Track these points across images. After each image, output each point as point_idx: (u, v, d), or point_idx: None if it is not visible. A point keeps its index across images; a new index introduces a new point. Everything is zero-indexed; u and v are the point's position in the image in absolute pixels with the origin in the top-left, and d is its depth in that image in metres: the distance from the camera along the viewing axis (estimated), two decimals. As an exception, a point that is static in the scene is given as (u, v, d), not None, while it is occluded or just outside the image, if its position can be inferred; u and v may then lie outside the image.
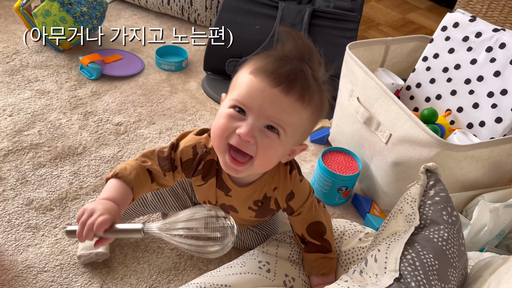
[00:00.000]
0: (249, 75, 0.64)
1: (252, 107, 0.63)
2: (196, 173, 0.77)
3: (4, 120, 1.16)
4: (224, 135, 0.65)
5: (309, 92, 0.64)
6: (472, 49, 1.08)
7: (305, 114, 0.66)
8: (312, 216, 0.81)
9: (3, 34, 1.49)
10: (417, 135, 0.93)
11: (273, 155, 0.68)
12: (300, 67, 0.64)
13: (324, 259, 0.83)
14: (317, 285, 0.83)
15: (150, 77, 1.44)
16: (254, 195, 0.78)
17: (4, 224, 0.93)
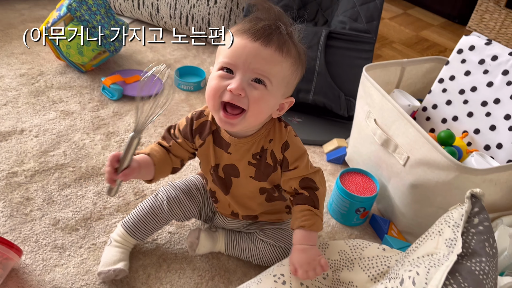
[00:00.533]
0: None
1: (237, 64, 0.73)
2: (194, 133, 0.86)
3: (31, 141, 1.20)
4: (217, 94, 0.74)
5: (286, 45, 0.74)
6: (489, 72, 1.10)
7: (286, 64, 0.75)
8: (307, 172, 0.85)
9: (28, 56, 1.54)
10: (435, 158, 0.94)
11: (264, 105, 0.76)
12: (274, 23, 0.74)
13: (309, 211, 0.84)
14: (299, 243, 0.83)
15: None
16: (252, 148, 0.84)
17: (32, 244, 0.96)
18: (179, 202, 0.94)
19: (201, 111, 0.87)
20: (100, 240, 0.99)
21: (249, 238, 0.97)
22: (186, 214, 0.96)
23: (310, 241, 0.84)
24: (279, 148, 0.83)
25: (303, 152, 0.85)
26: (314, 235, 0.85)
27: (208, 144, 0.86)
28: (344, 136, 1.41)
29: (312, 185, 0.86)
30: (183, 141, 0.88)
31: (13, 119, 1.26)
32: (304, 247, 0.83)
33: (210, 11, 1.67)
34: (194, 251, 0.96)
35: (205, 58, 1.72)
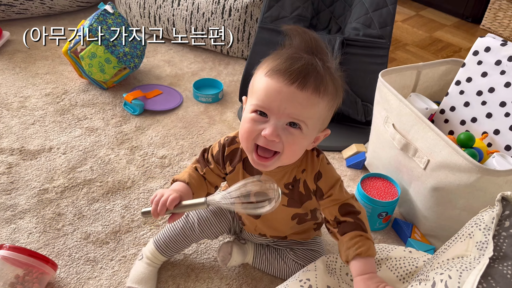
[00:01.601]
0: (265, 78, 0.71)
1: (272, 108, 0.70)
2: (225, 160, 0.86)
3: (59, 158, 1.25)
4: (251, 137, 0.73)
5: (323, 83, 0.71)
6: (506, 73, 1.10)
7: (322, 104, 0.72)
8: (343, 198, 0.83)
9: (52, 75, 1.60)
10: (456, 161, 0.95)
11: (298, 148, 0.75)
12: (310, 61, 0.70)
13: (360, 237, 0.79)
14: (359, 274, 0.78)
15: (189, 110, 1.51)
16: (284, 177, 0.83)
17: (66, 258, 0.99)
18: (210, 223, 0.96)
19: (233, 137, 0.86)
20: (130, 252, 1.02)
21: (279, 255, 0.98)
22: (217, 234, 0.98)
23: (371, 269, 0.79)
24: (312, 178, 0.82)
25: (336, 179, 0.83)
26: (372, 261, 0.80)
27: (238, 171, 0.86)
28: (362, 141, 1.42)
29: (353, 209, 0.83)
30: (215, 167, 0.88)
31: (41, 137, 1.31)
32: (368, 275, 0.78)
33: (225, 23, 1.71)
34: (226, 264, 0.97)
35: (221, 70, 1.76)
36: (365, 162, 1.33)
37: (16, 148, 1.26)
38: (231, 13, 1.68)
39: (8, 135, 1.31)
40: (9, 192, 1.13)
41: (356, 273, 0.79)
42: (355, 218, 0.82)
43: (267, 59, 0.75)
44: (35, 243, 1.02)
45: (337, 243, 0.86)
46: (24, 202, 1.11)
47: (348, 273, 0.90)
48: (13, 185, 1.15)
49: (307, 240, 1.00)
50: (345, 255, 0.80)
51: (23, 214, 1.08)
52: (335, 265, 0.91)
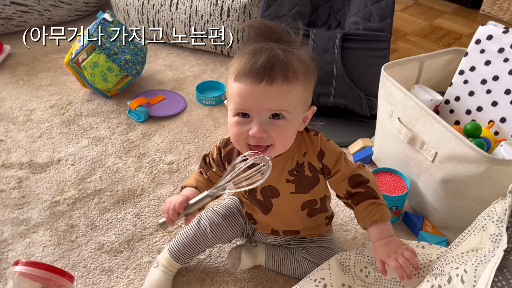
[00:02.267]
0: (234, 83, 0.73)
1: (250, 108, 0.73)
2: (223, 161, 0.88)
3: (68, 170, 1.26)
4: (241, 139, 0.76)
5: (290, 69, 0.72)
6: (509, 60, 1.10)
7: (296, 88, 0.73)
8: (350, 170, 0.85)
9: (55, 87, 1.61)
10: (464, 152, 0.95)
11: (288, 135, 0.77)
12: (271, 53, 0.71)
13: (373, 204, 0.83)
14: (379, 238, 0.82)
15: (193, 114, 1.52)
16: (287, 165, 0.84)
17: (81, 269, 1.00)
18: (222, 228, 0.97)
19: (227, 139, 0.88)
20: (144, 260, 1.03)
21: (291, 254, 0.99)
22: (230, 238, 0.99)
23: (389, 232, 0.82)
24: (316, 157, 0.84)
25: (339, 153, 0.85)
26: (389, 225, 0.83)
27: None
28: (368, 135, 1.42)
29: (362, 179, 0.85)
30: (217, 170, 0.92)
31: (49, 150, 1.32)
32: (386, 239, 0.82)
33: (224, 25, 1.71)
34: (236, 270, 0.98)
35: (223, 71, 1.76)
36: (372, 157, 1.33)
37: (25, 162, 1.28)
38: (230, 14, 1.68)
39: (16, 149, 1.32)
40: (21, 206, 1.14)
41: (375, 239, 0.83)
42: (365, 188, 0.85)
43: (232, 61, 0.77)
44: (50, 256, 1.03)
45: (350, 238, 0.86)
46: (36, 215, 1.12)
47: (362, 269, 0.91)
48: (24, 199, 1.16)
49: (319, 237, 1.00)
50: (363, 223, 0.85)
51: (37, 227, 1.09)
52: (349, 262, 0.92)
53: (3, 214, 1.12)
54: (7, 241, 1.06)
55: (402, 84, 1.13)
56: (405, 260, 0.79)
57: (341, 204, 1.17)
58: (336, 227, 1.12)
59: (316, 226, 0.98)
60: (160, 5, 1.76)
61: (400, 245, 0.81)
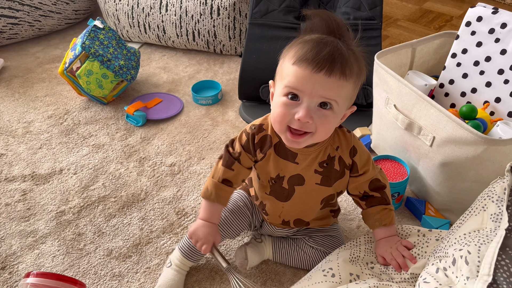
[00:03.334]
0: (293, 66, 0.74)
1: (304, 90, 0.73)
2: (256, 147, 0.88)
3: (71, 179, 1.27)
4: (285, 121, 0.76)
5: (348, 66, 0.73)
6: (500, 40, 1.10)
7: (349, 85, 0.75)
8: (374, 173, 0.90)
9: (51, 97, 1.61)
10: (461, 135, 0.96)
11: (330, 126, 0.78)
12: (335, 46, 0.73)
13: (385, 210, 0.92)
14: (382, 237, 0.92)
15: (191, 114, 1.52)
16: (319, 156, 0.86)
17: (92, 276, 1.02)
18: (230, 222, 0.98)
19: (259, 125, 0.87)
20: (153, 263, 1.04)
21: (297, 245, 1.01)
22: (238, 232, 1.00)
23: (391, 233, 0.93)
24: (347, 153, 0.87)
25: (368, 155, 0.89)
26: (393, 226, 0.93)
27: (269, 156, 0.88)
28: (365, 124, 1.43)
29: (380, 184, 0.91)
30: (245, 155, 0.89)
31: (50, 160, 1.33)
32: (387, 238, 0.92)
33: (215, 23, 1.71)
34: (245, 269, 1.00)
35: (217, 70, 1.76)
36: (371, 145, 1.34)
37: (28, 174, 1.28)
38: (220, 12, 1.69)
39: (17, 162, 1.33)
40: (27, 218, 1.15)
41: (380, 237, 0.93)
42: (382, 193, 0.92)
43: (292, 46, 0.77)
44: (60, 266, 1.04)
45: (354, 227, 0.88)
46: (43, 226, 1.13)
47: (368, 263, 0.92)
48: (30, 211, 1.17)
49: (326, 227, 1.02)
50: (372, 224, 0.93)
51: (44, 238, 1.10)
52: (359, 253, 0.93)
53: (10, 227, 1.13)
54: (16, 253, 1.07)
55: (396, 70, 1.14)
56: (398, 252, 0.89)
57: (345, 194, 1.18)
58: (340, 217, 1.13)
59: (324, 217, 1.00)
60: (150, 8, 1.76)
61: (396, 241, 0.92)
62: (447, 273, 0.75)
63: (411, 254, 0.89)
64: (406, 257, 0.89)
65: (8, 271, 1.03)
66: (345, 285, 0.83)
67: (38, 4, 1.84)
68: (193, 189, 1.24)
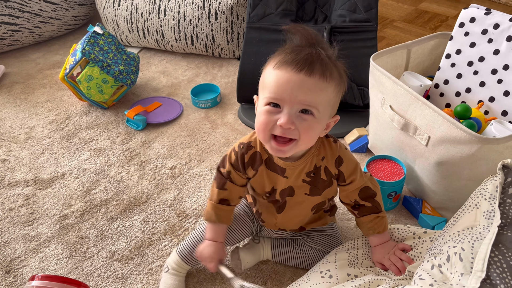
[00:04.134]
0: (273, 70, 0.76)
1: (284, 98, 0.74)
2: (246, 166, 0.89)
3: (73, 183, 1.29)
4: (267, 128, 0.77)
5: (328, 68, 0.75)
6: (493, 41, 1.12)
7: (330, 88, 0.77)
8: (362, 182, 0.91)
9: (52, 103, 1.63)
10: (455, 134, 0.98)
11: (313, 133, 0.79)
12: (314, 51, 0.76)
13: (377, 218, 0.93)
14: (377, 244, 0.95)
15: (190, 118, 1.54)
16: (306, 167, 0.87)
17: (95, 278, 1.04)
18: (232, 231, 1.00)
19: (248, 143, 0.89)
20: (156, 265, 1.06)
21: (297, 245, 1.02)
22: (240, 239, 1.02)
23: (386, 238, 0.95)
24: (333, 163, 0.88)
25: (356, 164, 0.89)
26: (386, 233, 0.96)
27: (261, 172, 0.89)
28: (362, 124, 1.45)
29: (370, 192, 0.92)
30: (235, 174, 0.91)
31: (52, 165, 1.35)
32: (383, 244, 0.94)
33: (213, 27, 1.73)
34: (241, 269, 1.02)
35: (215, 73, 1.78)
36: (368, 145, 1.36)
37: (30, 179, 1.30)
38: (217, 16, 1.71)
39: (20, 167, 1.35)
40: (30, 223, 1.17)
41: (374, 244, 0.96)
42: (372, 202, 0.93)
43: (273, 55, 0.79)
44: (64, 269, 1.06)
45: (352, 226, 0.90)
46: (47, 230, 1.15)
47: (367, 267, 0.94)
48: (33, 215, 1.19)
49: (323, 227, 1.03)
50: (365, 232, 0.96)
51: (48, 242, 1.12)
52: (357, 259, 0.96)
53: (14, 232, 1.15)
54: (20, 257, 1.08)
55: (391, 72, 1.16)
56: (395, 257, 0.92)
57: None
58: (338, 216, 1.15)
59: (319, 218, 1.01)
60: (148, 13, 1.78)
61: (392, 246, 0.94)
62: (442, 270, 0.77)
63: (409, 257, 0.92)
64: (404, 260, 0.91)
65: (13, 275, 1.04)
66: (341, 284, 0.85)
67: (38, 10, 1.86)
68: (193, 191, 1.25)
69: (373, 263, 0.96)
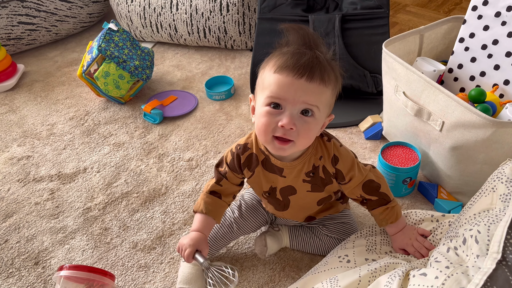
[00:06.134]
0: (274, 74, 0.76)
1: (287, 98, 0.75)
2: (242, 167, 0.91)
3: (95, 177, 1.33)
4: (269, 130, 0.78)
5: (327, 72, 0.77)
6: (506, 23, 1.11)
7: (328, 91, 0.79)
8: (362, 176, 0.91)
9: (71, 99, 1.68)
10: (470, 118, 0.98)
11: (312, 134, 0.81)
12: (314, 55, 0.76)
13: (387, 209, 0.94)
14: (395, 232, 0.96)
15: (205, 110, 1.57)
16: (304, 167, 0.88)
17: (120, 268, 1.08)
18: (246, 220, 1.03)
19: (244, 144, 0.91)
20: (177, 254, 1.09)
21: (313, 232, 1.05)
22: (255, 228, 1.05)
23: (401, 226, 0.96)
24: (330, 162, 0.88)
25: (352, 159, 0.89)
26: (401, 219, 0.96)
27: (258, 173, 0.91)
28: (376, 111, 1.46)
29: (374, 185, 0.92)
30: (232, 175, 0.94)
31: (74, 160, 1.40)
32: (401, 231, 0.95)
33: (225, 19, 1.75)
34: (265, 256, 1.04)
35: (229, 65, 1.80)
36: (382, 132, 1.37)
37: (54, 174, 1.35)
38: (229, 8, 1.72)
39: (44, 163, 1.40)
40: (56, 216, 1.22)
41: (392, 233, 0.97)
42: (378, 195, 0.92)
43: (270, 57, 0.80)
44: (90, 259, 1.10)
45: (367, 212, 0.98)
46: (72, 223, 1.19)
47: (386, 253, 0.96)
48: (58, 209, 1.24)
49: (337, 214, 1.05)
50: (379, 224, 0.97)
51: (74, 234, 1.17)
52: (375, 246, 0.97)
53: (41, 225, 1.19)
54: (48, 249, 1.13)
55: (404, 58, 1.16)
56: (419, 244, 0.93)
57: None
58: (353, 203, 1.16)
59: (331, 206, 1.03)
60: (161, 7, 1.80)
61: (412, 232, 0.95)
62: (457, 252, 0.78)
63: (431, 243, 0.93)
64: (427, 248, 0.92)
65: (42, 266, 1.09)
66: (358, 268, 0.87)
67: (53, 9, 1.90)
68: (211, 182, 1.28)
69: (392, 248, 0.97)
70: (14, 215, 1.23)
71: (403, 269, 0.81)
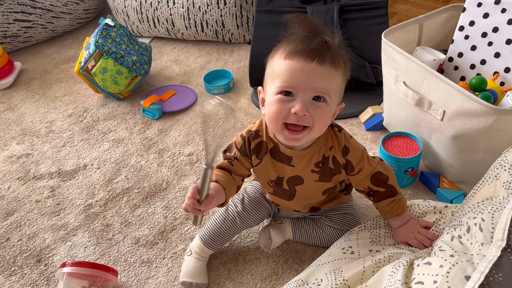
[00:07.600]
0: (285, 61, 0.76)
1: (298, 85, 0.75)
2: (251, 153, 0.90)
3: (95, 174, 1.32)
4: (280, 117, 0.77)
5: (337, 57, 0.77)
6: (506, 10, 1.10)
7: (339, 76, 0.78)
8: (371, 168, 0.91)
9: (69, 96, 1.67)
10: (471, 107, 0.97)
11: (326, 119, 0.79)
12: (322, 39, 0.76)
13: (393, 202, 0.94)
14: (398, 226, 0.96)
15: (204, 104, 1.56)
16: (314, 157, 0.88)
17: (122, 263, 1.07)
18: (249, 213, 1.02)
19: (256, 131, 0.90)
20: (179, 248, 1.09)
21: (316, 224, 1.04)
22: (258, 222, 1.04)
23: (406, 219, 0.96)
24: (340, 153, 0.88)
25: (362, 151, 0.89)
26: (406, 213, 0.96)
27: (266, 161, 0.91)
28: (377, 102, 1.45)
29: (382, 177, 0.92)
30: (242, 158, 0.92)
31: (74, 157, 1.39)
32: (404, 225, 0.95)
33: (222, 12, 1.73)
34: (270, 249, 1.03)
35: (227, 59, 1.79)
36: (383, 123, 1.36)
37: (54, 171, 1.34)
38: (226, 1, 1.71)
39: (43, 160, 1.39)
40: (57, 213, 1.21)
41: (396, 226, 0.97)
42: (386, 186, 0.93)
43: (279, 46, 0.79)
44: (92, 255, 1.10)
45: (370, 203, 0.93)
46: (73, 219, 1.19)
47: (390, 245, 0.96)
48: (59, 206, 1.23)
49: (340, 205, 1.05)
50: (384, 217, 0.97)
51: (75, 231, 1.16)
52: (379, 239, 0.97)
53: (42, 222, 1.19)
54: (50, 246, 1.13)
55: (404, 47, 1.15)
56: (421, 236, 0.93)
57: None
58: (355, 195, 1.16)
59: (334, 198, 1.03)
60: (158, 2, 1.79)
61: (415, 226, 0.95)
62: (461, 241, 0.78)
63: (434, 234, 0.93)
64: (430, 238, 0.92)
65: (44, 263, 1.09)
66: (362, 259, 0.87)
67: (49, 6, 1.88)
68: (212, 176, 1.28)
69: (395, 241, 0.97)
70: (15, 213, 1.22)
71: (407, 259, 0.81)
